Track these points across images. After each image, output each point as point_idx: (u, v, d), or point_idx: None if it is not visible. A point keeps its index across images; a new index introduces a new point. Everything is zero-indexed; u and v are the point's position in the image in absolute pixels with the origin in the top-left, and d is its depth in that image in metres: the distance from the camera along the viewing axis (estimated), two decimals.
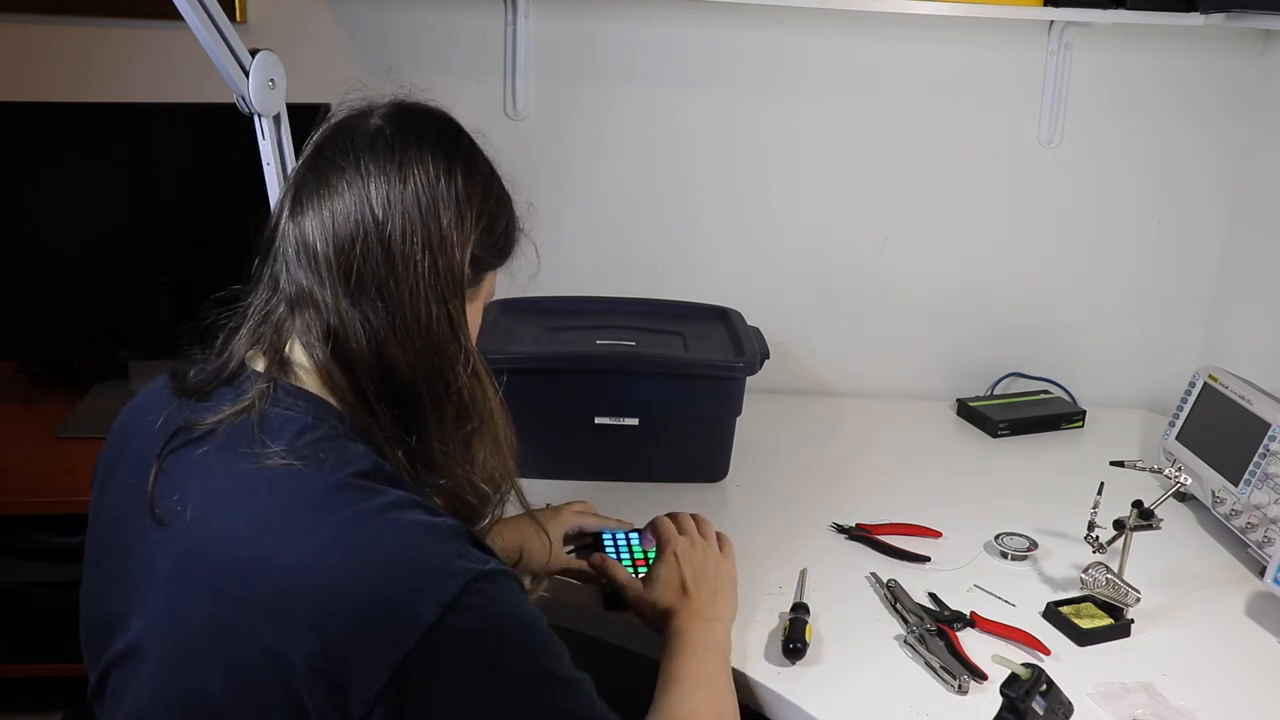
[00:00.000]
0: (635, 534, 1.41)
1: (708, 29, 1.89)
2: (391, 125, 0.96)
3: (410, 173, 0.93)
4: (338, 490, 0.84)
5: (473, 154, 1.00)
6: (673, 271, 1.99)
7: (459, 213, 0.95)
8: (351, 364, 0.91)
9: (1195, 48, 1.89)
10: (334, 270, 0.90)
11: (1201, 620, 1.34)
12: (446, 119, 1.01)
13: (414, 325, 0.92)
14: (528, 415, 1.61)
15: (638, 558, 1.37)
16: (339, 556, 0.81)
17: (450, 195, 0.95)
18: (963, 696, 1.17)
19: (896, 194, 1.98)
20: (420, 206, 0.93)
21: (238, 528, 0.84)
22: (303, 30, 1.87)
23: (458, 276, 0.95)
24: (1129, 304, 2.04)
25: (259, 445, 0.86)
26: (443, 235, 0.94)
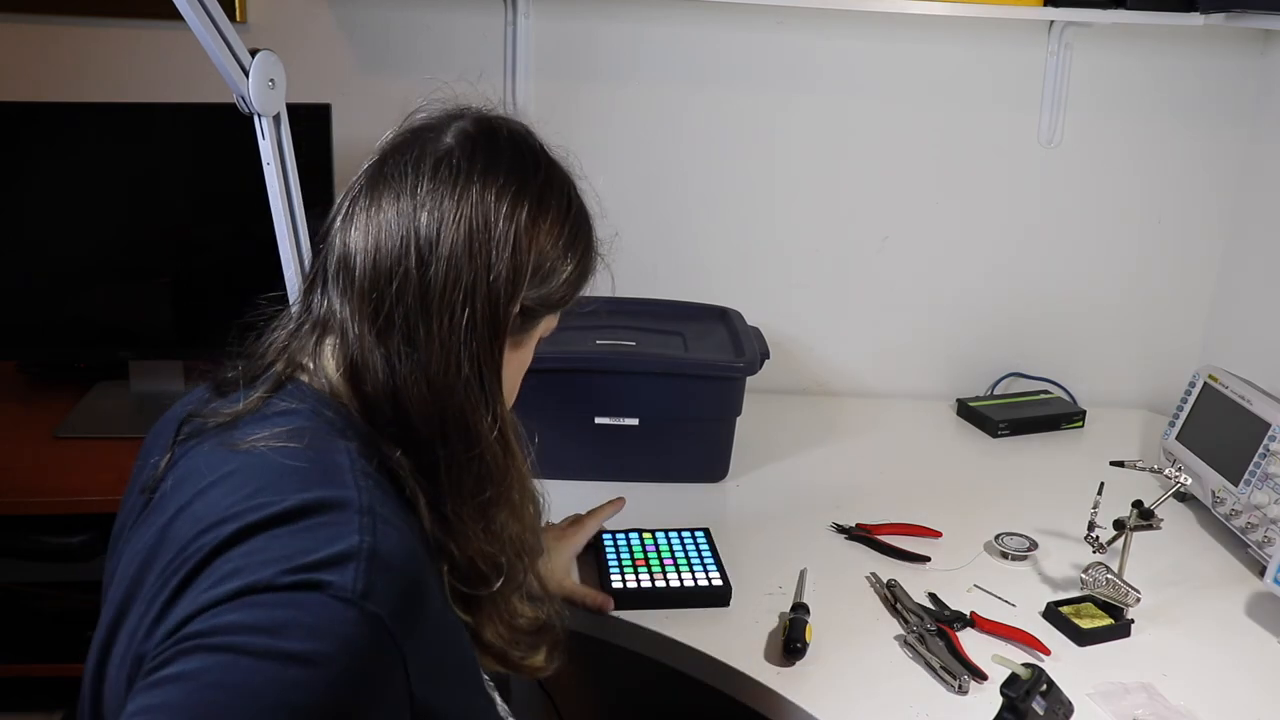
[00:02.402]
0: (634, 534, 1.41)
1: (708, 29, 1.89)
2: (463, 147, 0.88)
3: (467, 209, 0.85)
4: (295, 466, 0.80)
5: (547, 192, 0.91)
6: (673, 271, 1.99)
7: (514, 262, 0.87)
8: (368, 401, 0.86)
9: (1195, 48, 1.89)
10: (365, 301, 0.85)
11: (1201, 620, 1.34)
12: (525, 145, 0.92)
13: (439, 380, 0.85)
14: (528, 415, 1.62)
15: (638, 558, 1.37)
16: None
17: (508, 241, 0.86)
18: (963, 696, 1.17)
19: (896, 194, 1.98)
20: (471, 252, 0.85)
21: (194, 502, 0.81)
22: (303, 30, 1.87)
23: (499, 332, 0.87)
24: (1129, 304, 2.04)
25: (247, 432, 0.83)
26: (490, 288, 0.86)
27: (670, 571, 1.33)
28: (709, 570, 1.34)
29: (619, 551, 1.38)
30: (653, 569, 1.34)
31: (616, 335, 1.72)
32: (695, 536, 1.42)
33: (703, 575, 1.33)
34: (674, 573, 1.33)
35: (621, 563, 1.35)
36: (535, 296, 0.91)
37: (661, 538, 1.41)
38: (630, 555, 1.37)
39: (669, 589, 1.30)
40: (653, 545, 1.39)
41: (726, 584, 1.32)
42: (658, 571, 1.33)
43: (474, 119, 0.92)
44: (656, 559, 1.36)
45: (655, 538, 1.40)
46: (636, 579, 1.32)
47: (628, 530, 1.42)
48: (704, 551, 1.39)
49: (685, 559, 1.36)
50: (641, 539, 1.40)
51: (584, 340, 1.70)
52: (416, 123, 0.92)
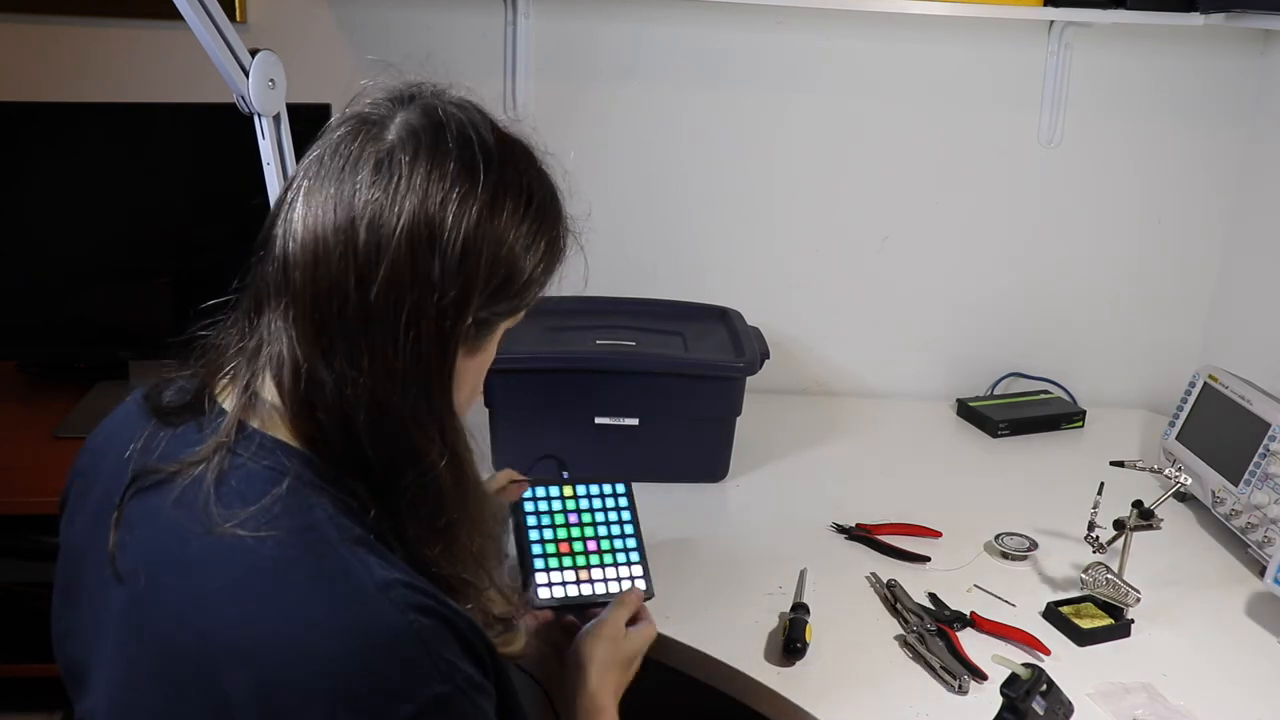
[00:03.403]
0: (555, 487, 1.36)
1: (708, 29, 1.89)
2: (405, 145, 0.81)
3: (409, 220, 0.78)
4: (295, 564, 0.76)
5: (501, 190, 0.82)
6: (673, 271, 1.99)
7: (463, 276, 0.80)
8: (321, 429, 0.80)
9: (1195, 48, 1.89)
10: (308, 322, 0.79)
11: (1201, 620, 1.34)
12: (477, 136, 0.84)
13: (385, 403, 0.79)
14: (528, 415, 1.62)
15: (560, 539, 1.31)
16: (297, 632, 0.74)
17: (455, 253, 0.79)
18: (963, 696, 1.17)
19: (896, 194, 1.98)
20: (415, 269, 0.78)
21: (183, 604, 0.77)
22: (303, 30, 1.87)
23: (448, 353, 0.81)
24: (1129, 304, 2.04)
25: (212, 508, 0.77)
26: (438, 308, 0.79)
27: (594, 565, 1.29)
28: (632, 564, 1.30)
29: (540, 527, 1.31)
30: (576, 561, 1.29)
31: (616, 335, 1.72)
32: (618, 501, 1.36)
33: (627, 575, 1.29)
34: (598, 568, 1.28)
35: (546, 549, 1.29)
36: (492, 305, 0.84)
37: (585, 503, 1.35)
38: (554, 534, 1.31)
39: (594, 596, 1.26)
40: (574, 514, 1.33)
41: (649, 584, 1.28)
42: (581, 565, 1.28)
43: (421, 109, 0.85)
44: (581, 544, 1.30)
45: (579, 503, 1.35)
46: (562, 578, 1.27)
47: (548, 485, 1.35)
48: (627, 532, 1.33)
49: (610, 545, 1.31)
50: (564, 503, 1.34)
51: (584, 340, 1.70)
52: (363, 109, 0.86)
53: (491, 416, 1.62)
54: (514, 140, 0.88)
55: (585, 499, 1.35)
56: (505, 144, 0.86)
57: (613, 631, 1.14)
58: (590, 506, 1.35)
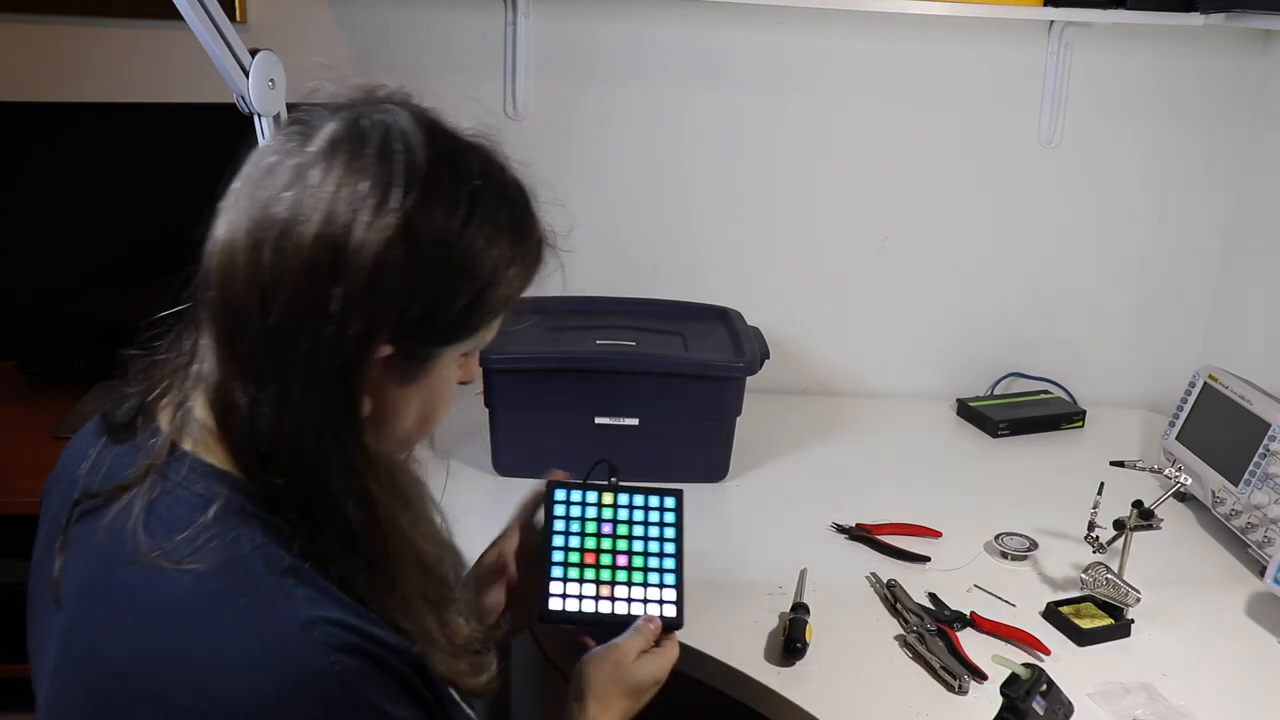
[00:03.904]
0: (591, 504, 1.19)
1: (708, 29, 1.89)
2: (321, 160, 0.74)
3: (313, 237, 0.72)
4: (217, 599, 0.72)
5: (428, 207, 0.74)
6: (673, 271, 1.99)
7: (370, 304, 0.72)
8: (241, 452, 0.77)
9: (1195, 48, 1.89)
10: (223, 339, 0.76)
11: (1201, 620, 1.34)
12: (402, 151, 0.75)
13: (287, 434, 0.74)
14: (528, 415, 1.62)
15: (588, 549, 1.16)
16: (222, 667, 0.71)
17: (360, 277, 0.71)
18: (963, 696, 1.17)
19: (896, 194, 1.98)
20: (313, 297, 0.72)
21: (103, 635, 0.75)
22: (303, 30, 1.87)
23: (352, 384, 0.74)
24: (1129, 304, 2.04)
25: (139, 536, 0.74)
26: (340, 336, 0.72)
27: (620, 582, 1.13)
28: (665, 587, 1.13)
29: (567, 533, 1.16)
30: (600, 575, 1.14)
31: (616, 335, 1.72)
32: (663, 516, 1.18)
33: (655, 599, 1.13)
34: (623, 585, 1.13)
35: (568, 558, 1.14)
36: (418, 336, 0.76)
37: (624, 514, 1.18)
38: (580, 543, 1.16)
39: (613, 615, 1.11)
40: (609, 525, 1.17)
41: (679, 612, 1.12)
42: (605, 580, 1.13)
43: (346, 118, 0.77)
44: (610, 557, 1.15)
45: (616, 513, 1.18)
46: (580, 590, 1.13)
47: (585, 490, 1.19)
48: (667, 551, 1.16)
49: (643, 562, 1.15)
50: (600, 510, 1.18)
51: (584, 340, 1.70)
52: (299, 115, 0.79)
53: (491, 416, 1.62)
54: (466, 153, 0.79)
55: (626, 509, 1.18)
56: (444, 160, 0.76)
57: (619, 656, 1.04)
58: (631, 518, 1.18)
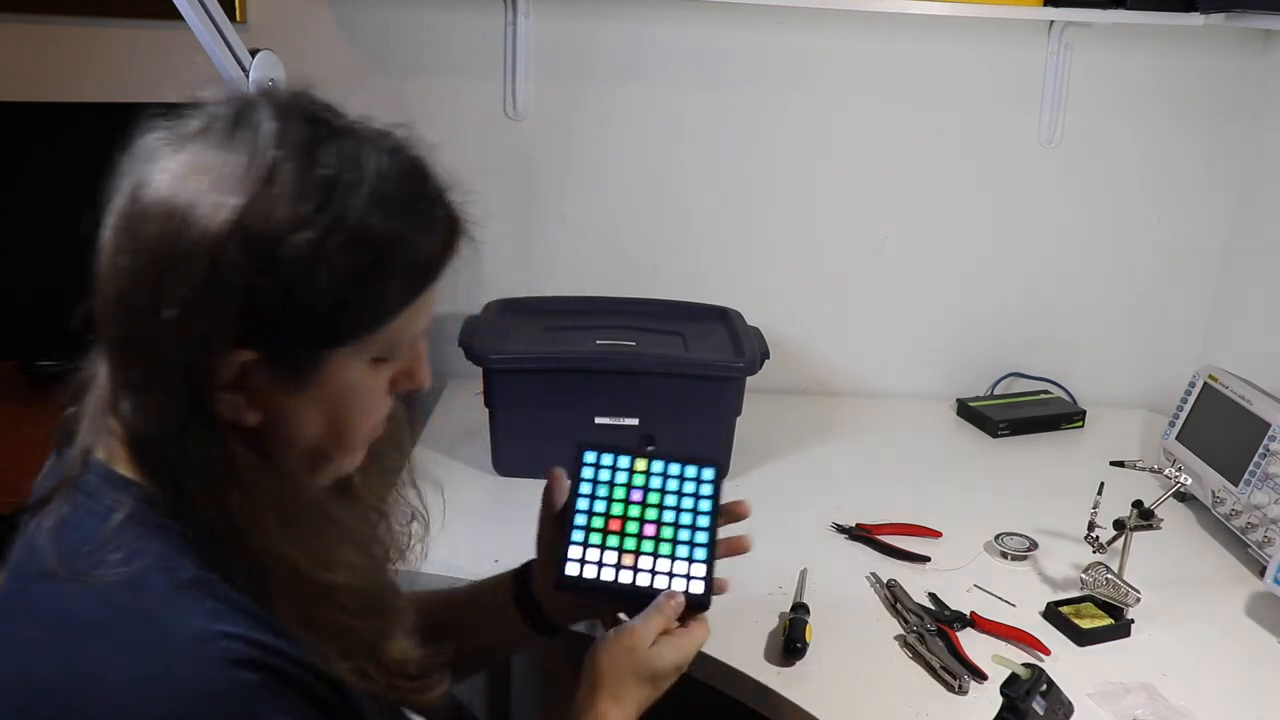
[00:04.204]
0: (623, 467, 1.10)
1: (708, 29, 1.89)
2: (177, 142, 0.73)
3: (156, 225, 0.70)
4: (117, 613, 0.71)
5: (265, 199, 0.69)
6: (673, 271, 1.99)
7: (209, 305, 0.69)
8: (135, 455, 0.75)
9: (1195, 48, 1.89)
10: (100, 333, 0.74)
11: (1201, 620, 1.34)
12: (252, 142, 0.71)
13: (154, 444, 0.73)
14: (528, 415, 1.62)
15: (614, 515, 1.07)
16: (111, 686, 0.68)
17: (195, 267, 0.68)
18: (963, 696, 1.17)
19: (896, 194, 1.98)
20: (153, 299, 0.69)
21: (9, 649, 0.73)
22: (303, 30, 1.87)
23: (202, 391, 0.71)
24: (1129, 304, 2.04)
25: (48, 549, 0.73)
26: (183, 339, 0.70)
27: (645, 552, 1.05)
28: (694, 562, 1.05)
29: (593, 497, 1.08)
30: (625, 544, 1.05)
31: (616, 335, 1.72)
32: (699, 488, 1.09)
33: (682, 573, 1.04)
34: (648, 556, 1.05)
35: (591, 523, 1.06)
36: (282, 341, 0.72)
37: (657, 482, 1.09)
38: (606, 508, 1.07)
39: (633, 586, 1.03)
40: (639, 492, 1.08)
41: (708, 590, 1.04)
42: (630, 549, 1.05)
43: (206, 112, 0.75)
44: (636, 525, 1.07)
45: (649, 480, 1.09)
46: (600, 557, 1.04)
47: (617, 453, 1.10)
48: (700, 524, 1.07)
49: (672, 533, 1.06)
50: (631, 476, 1.09)
51: (584, 340, 1.70)
52: (172, 115, 0.78)
53: (491, 416, 1.62)
54: (327, 143, 0.73)
55: (659, 477, 1.09)
56: (297, 151, 0.71)
57: (635, 641, 0.96)
58: (663, 486, 1.09)
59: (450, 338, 1.68)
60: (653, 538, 1.06)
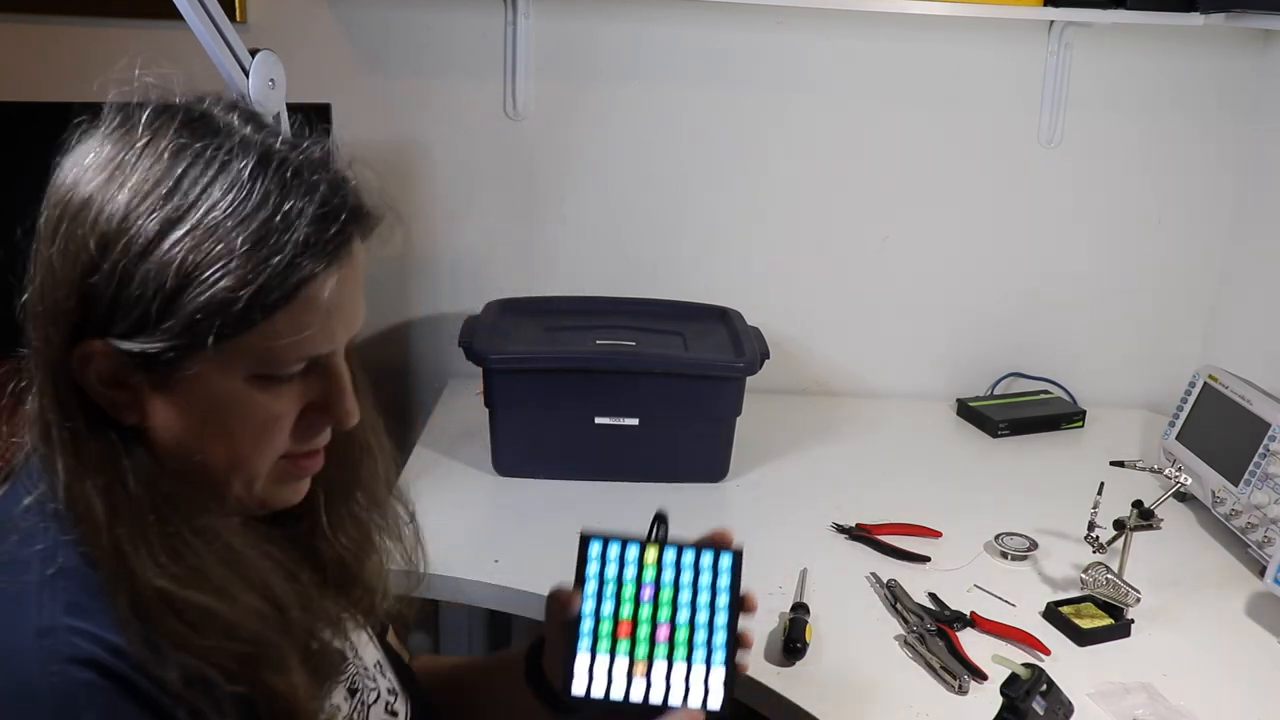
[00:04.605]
0: (632, 558, 0.97)
1: (708, 29, 1.89)
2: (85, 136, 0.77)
3: (50, 196, 0.75)
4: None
5: (119, 181, 0.71)
6: (673, 271, 1.99)
7: (51, 273, 0.72)
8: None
9: (1195, 48, 1.89)
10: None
11: (1201, 620, 1.34)
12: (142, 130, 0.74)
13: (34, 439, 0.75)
14: (528, 415, 1.62)
15: (623, 619, 0.94)
16: None
17: (52, 241, 0.72)
18: (963, 696, 1.17)
19: (896, 194, 1.98)
20: (44, 285, 0.73)
21: None
22: (303, 30, 1.87)
23: (60, 387, 0.72)
24: (1129, 304, 2.04)
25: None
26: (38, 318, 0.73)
27: (659, 658, 0.92)
28: (712, 667, 0.92)
29: (600, 598, 0.95)
30: (636, 651, 0.93)
31: (616, 335, 1.72)
32: (717, 579, 0.96)
33: (700, 680, 0.92)
34: (663, 662, 0.92)
35: (599, 629, 0.94)
36: (124, 334, 0.70)
37: (669, 575, 0.96)
38: (615, 609, 0.95)
39: (645, 704, 0.91)
40: (650, 588, 0.95)
41: (728, 700, 0.91)
42: (641, 657, 0.92)
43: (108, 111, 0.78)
44: (648, 628, 0.94)
45: (660, 573, 0.96)
46: (610, 667, 0.92)
47: (625, 543, 0.98)
48: (718, 621, 0.94)
49: (688, 635, 0.94)
50: (640, 570, 0.96)
51: (584, 340, 1.70)
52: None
53: (491, 416, 1.62)
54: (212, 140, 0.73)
55: (672, 568, 0.96)
56: (165, 148, 0.73)
57: None
58: (676, 580, 0.96)
59: (450, 338, 1.68)
60: (666, 641, 0.94)
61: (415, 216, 1.97)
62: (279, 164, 0.73)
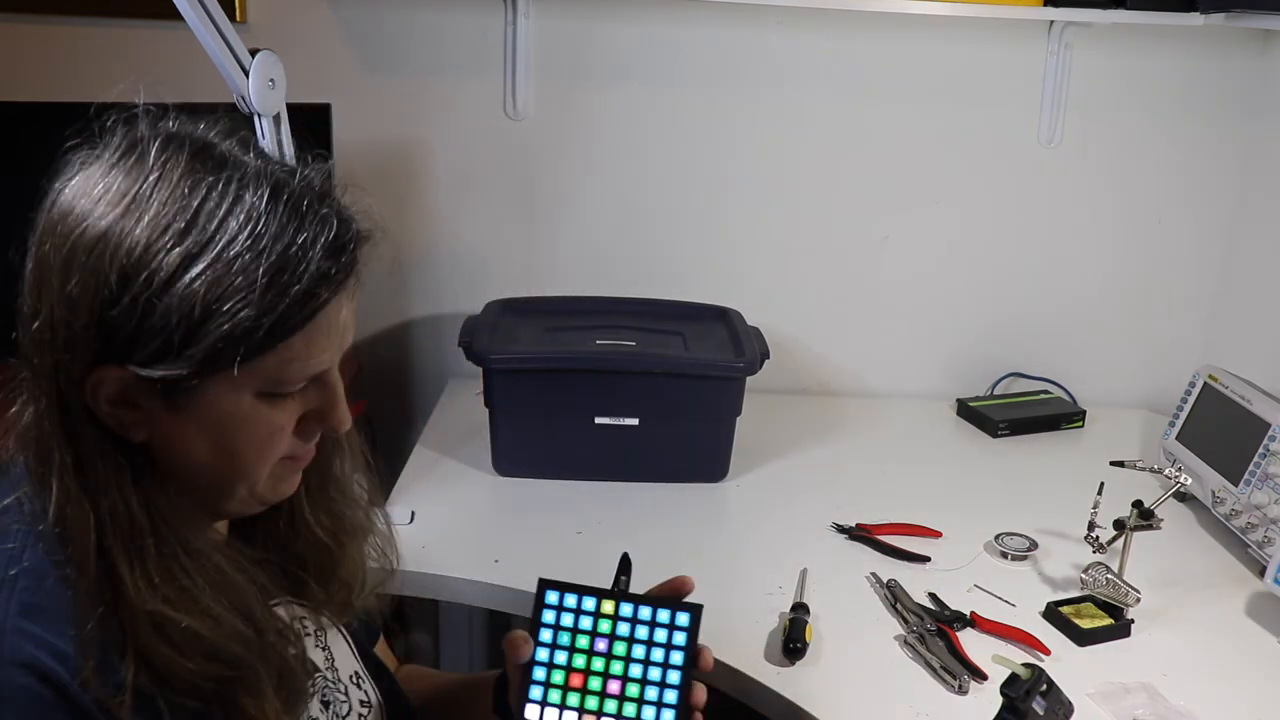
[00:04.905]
0: (591, 597, 0.96)
1: (707, 29, 1.89)
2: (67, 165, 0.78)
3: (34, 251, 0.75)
4: None
5: (136, 213, 0.72)
6: (673, 271, 1.99)
7: (67, 303, 0.72)
8: None
9: (1195, 48, 1.89)
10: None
11: (1201, 620, 1.34)
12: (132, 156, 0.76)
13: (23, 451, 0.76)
14: (528, 415, 1.62)
15: (575, 667, 0.94)
16: None
17: (65, 272, 0.72)
18: (963, 696, 1.17)
19: (896, 194, 1.98)
20: (40, 274, 0.73)
21: None
22: (303, 30, 1.87)
23: (71, 410, 0.73)
24: (1129, 304, 2.04)
25: None
26: (57, 361, 0.72)
27: (608, 714, 0.92)
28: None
29: (554, 646, 0.95)
30: (586, 702, 0.93)
31: (616, 335, 1.72)
32: (672, 636, 0.95)
33: None
34: (611, 717, 0.92)
35: (550, 677, 0.94)
36: (142, 362, 0.72)
37: (625, 628, 0.95)
38: (568, 660, 0.94)
39: None
40: (605, 640, 0.94)
41: None
42: (591, 709, 0.93)
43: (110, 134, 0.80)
44: (599, 680, 0.93)
45: (616, 626, 0.95)
46: (560, 719, 0.93)
47: (581, 594, 0.96)
48: (670, 680, 0.93)
49: (639, 691, 0.93)
50: (596, 621, 0.95)
51: (584, 340, 1.70)
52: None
53: (491, 416, 1.62)
54: (222, 170, 0.75)
55: (628, 622, 0.95)
56: (179, 179, 0.74)
57: None
58: (631, 634, 0.95)
59: (450, 338, 1.68)
60: (616, 696, 0.93)
61: (415, 216, 1.97)
62: (289, 196, 0.75)
